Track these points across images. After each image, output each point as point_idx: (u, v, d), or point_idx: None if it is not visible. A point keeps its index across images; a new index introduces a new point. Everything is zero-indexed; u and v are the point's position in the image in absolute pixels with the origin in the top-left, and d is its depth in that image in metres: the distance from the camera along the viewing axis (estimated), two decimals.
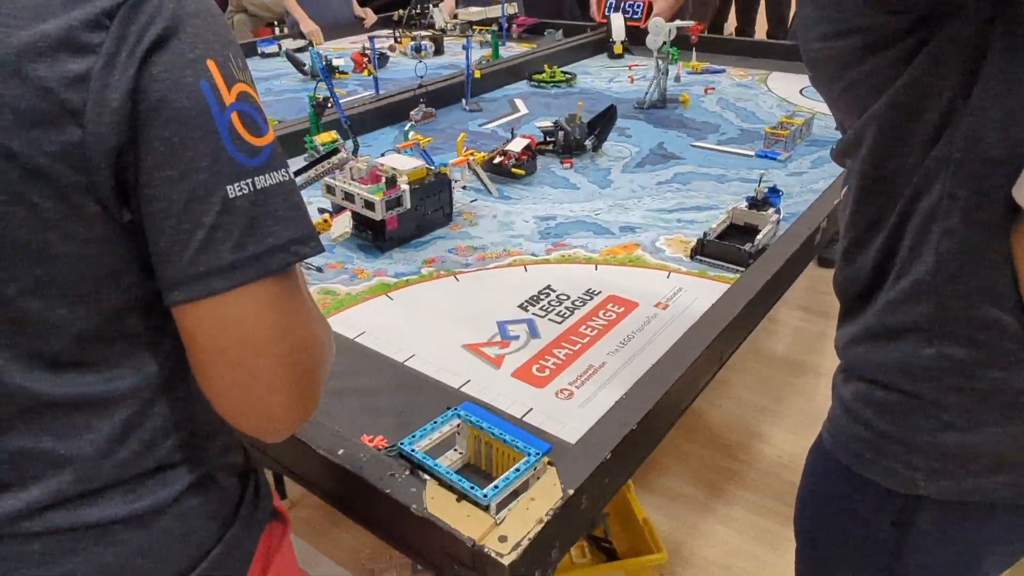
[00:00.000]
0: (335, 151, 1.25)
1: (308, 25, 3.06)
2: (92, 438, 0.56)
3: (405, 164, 1.33)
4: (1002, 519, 0.68)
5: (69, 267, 0.51)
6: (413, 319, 1.09)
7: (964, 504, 0.67)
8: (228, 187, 0.50)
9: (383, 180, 1.26)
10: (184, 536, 0.62)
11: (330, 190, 1.31)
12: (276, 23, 4.74)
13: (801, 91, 2.19)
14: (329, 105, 1.74)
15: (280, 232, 0.52)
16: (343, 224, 1.29)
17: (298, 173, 1.25)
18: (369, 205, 1.25)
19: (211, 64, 0.50)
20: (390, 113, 1.98)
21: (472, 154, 1.56)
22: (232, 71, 0.51)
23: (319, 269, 1.21)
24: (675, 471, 1.88)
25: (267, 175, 0.52)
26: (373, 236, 1.29)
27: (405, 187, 1.28)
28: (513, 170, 1.55)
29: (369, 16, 3.34)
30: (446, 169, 1.40)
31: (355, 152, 1.59)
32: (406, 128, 1.83)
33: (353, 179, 1.27)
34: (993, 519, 0.68)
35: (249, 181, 0.51)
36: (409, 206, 1.28)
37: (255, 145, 0.51)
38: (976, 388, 0.63)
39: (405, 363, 0.98)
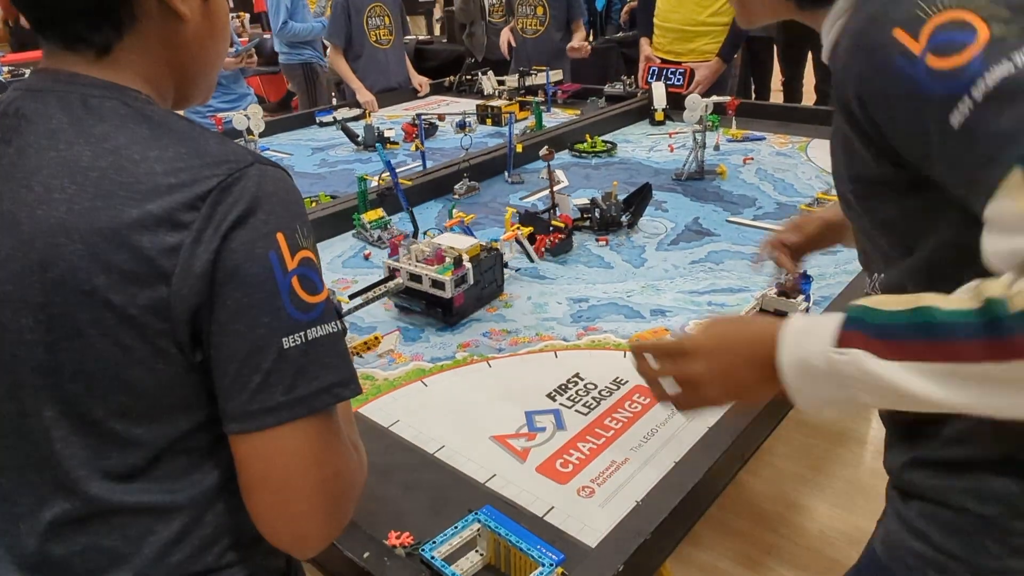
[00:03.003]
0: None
1: (364, 95, 3.20)
2: (152, 541, 0.63)
3: (462, 243, 1.40)
4: None
5: (149, 396, 0.60)
6: (445, 407, 1.13)
7: None
8: (284, 339, 0.58)
9: (449, 260, 1.34)
10: None
11: (394, 274, 1.37)
12: (335, 88, 4.96)
13: None
14: (389, 190, 1.80)
15: (325, 377, 0.60)
16: (391, 342, 1.35)
17: (356, 295, 1.32)
18: (438, 284, 1.32)
19: (280, 237, 0.58)
20: (436, 187, 2.05)
21: (519, 228, 1.62)
22: (298, 240, 0.59)
23: (359, 355, 1.26)
24: (713, 544, 1.86)
25: (318, 327, 0.60)
26: (443, 313, 1.36)
27: (468, 265, 1.36)
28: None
29: (424, 86, 3.46)
30: (497, 244, 1.46)
31: (416, 235, 1.66)
32: (451, 206, 1.89)
33: (419, 260, 1.35)
34: None
35: (302, 334, 0.59)
36: (472, 282, 1.36)
37: (310, 303, 0.59)
38: None
39: (435, 454, 1.02)
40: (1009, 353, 0.49)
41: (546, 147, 1.76)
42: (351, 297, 1.33)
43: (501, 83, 3.15)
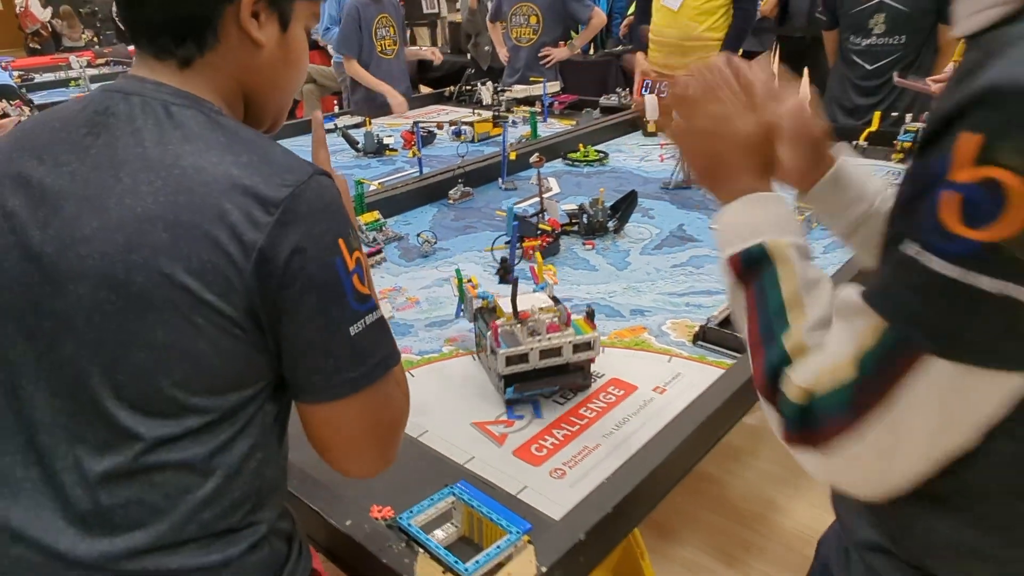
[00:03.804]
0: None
1: (395, 97, 3.36)
2: (189, 499, 0.70)
3: (539, 300, 1.20)
4: None
5: (211, 370, 0.67)
6: (430, 396, 1.19)
7: None
8: (350, 327, 0.69)
9: (573, 318, 1.15)
10: None
11: (519, 359, 1.09)
12: (339, 95, 5.04)
13: None
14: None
15: (379, 352, 0.73)
16: (385, 310, 1.40)
17: None
18: (582, 347, 1.11)
19: (340, 242, 0.68)
20: (431, 192, 2.13)
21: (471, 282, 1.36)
22: (352, 243, 0.70)
23: None
24: (692, 541, 1.92)
25: (372, 314, 0.73)
26: (582, 378, 1.15)
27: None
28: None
29: (437, 54, 3.76)
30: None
31: (515, 315, 1.16)
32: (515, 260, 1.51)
33: (540, 332, 1.11)
34: None
35: (363, 321, 0.71)
36: None
37: (365, 294, 0.71)
38: None
39: (419, 438, 1.08)
40: (787, 427, 0.59)
41: (536, 154, 1.83)
42: None
43: (503, 90, 3.23)
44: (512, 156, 2.23)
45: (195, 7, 0.68)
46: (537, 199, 1.89)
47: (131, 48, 5.01)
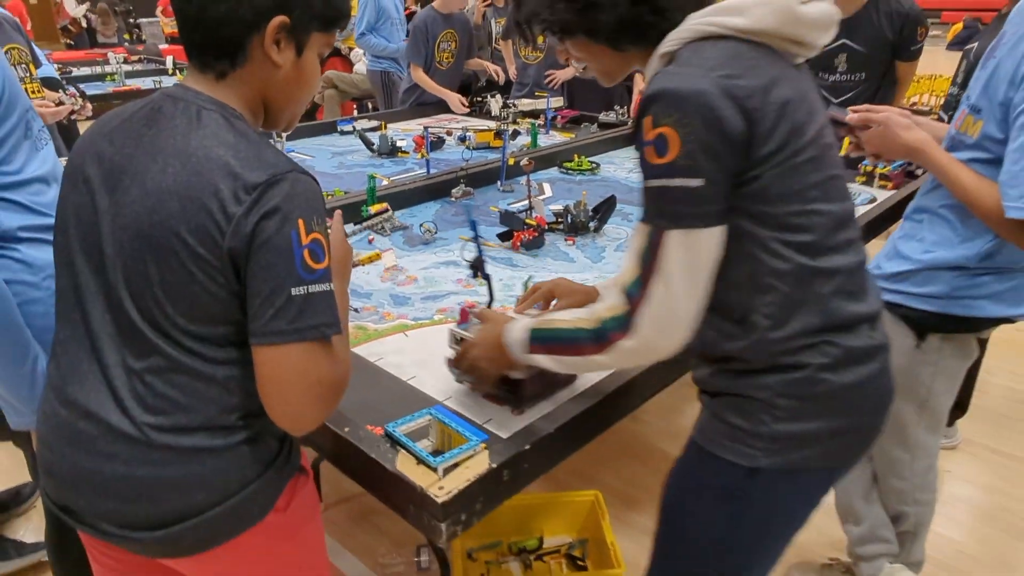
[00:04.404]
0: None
1: (452, 98, 3.75)
2: (199, 398, 0.94)
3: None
4: (813, 480, 1.05)
5: (203, 305, 0.90)
6: (420, 352, 1.43)
7: (789, 471, 1.01)
8: (292, 288, 0.88)
9: None
10: (239, 468, 0.97)
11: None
12: (358, 100, 5.31)
13: None
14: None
15: (316, 318, 0.89)
16: (390, 259, 1.65)
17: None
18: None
19: (300, 221, 0.88)
20: (435, 190, 2.37)
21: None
22: (312, 226, 0.89)
23: (356, 310, 1.57)
24: (652, 510, 2.12)
25: (317, 286, 0.89)
26: (516, 399, 1.21)
27: None
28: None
29: (500, 74, 4.04)
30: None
31: (490, 305, 1.33)
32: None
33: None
34: (807, 480, 1.04)
35: (305, 287, 0.88)
36: None
37: (314, 268, 0.89)
38: (798, 394, 0.98)
39: (408, 381, 1.32)
40: (608, 344, 0.97)
41: (527, 158, 2.06)
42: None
43: (507, 105, 3.48)
44: (511, 161, 2.47)
45: (230, 33, 0.91)
46: (528, 200, 2.13)
47: (162, 48, 5.35)
